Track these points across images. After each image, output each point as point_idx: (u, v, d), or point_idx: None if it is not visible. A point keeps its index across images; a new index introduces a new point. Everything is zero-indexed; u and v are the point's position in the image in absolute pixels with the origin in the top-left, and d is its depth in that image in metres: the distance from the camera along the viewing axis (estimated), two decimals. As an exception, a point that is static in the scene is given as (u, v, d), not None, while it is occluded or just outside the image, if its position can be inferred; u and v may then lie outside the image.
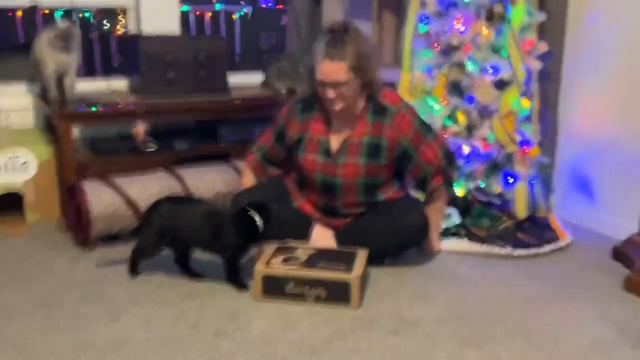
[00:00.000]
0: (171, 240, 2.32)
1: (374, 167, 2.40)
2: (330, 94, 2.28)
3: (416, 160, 2.41)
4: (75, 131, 3.26)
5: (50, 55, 2.93)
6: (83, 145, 3.17)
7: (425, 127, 2.45)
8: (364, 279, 2.24)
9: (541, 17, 2.83)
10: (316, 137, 2.44)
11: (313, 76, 2.32)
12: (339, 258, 2.26)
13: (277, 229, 2.32)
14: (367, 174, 2.40)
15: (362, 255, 2.28)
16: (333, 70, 2.24)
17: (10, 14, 4.48)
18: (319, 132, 2.45)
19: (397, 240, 2.40)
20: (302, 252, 2.32)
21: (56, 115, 2.83)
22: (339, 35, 2.26)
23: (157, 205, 2.36)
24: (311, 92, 2.46)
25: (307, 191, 2.54)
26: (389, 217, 2.39)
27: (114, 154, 3.01)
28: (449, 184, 2.53)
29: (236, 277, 2.28)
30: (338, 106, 2.32)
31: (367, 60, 2.29)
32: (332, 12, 3.51)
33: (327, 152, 2.42)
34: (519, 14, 2.65)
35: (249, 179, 2.60)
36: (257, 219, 2.26)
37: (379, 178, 2.44)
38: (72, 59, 2.99)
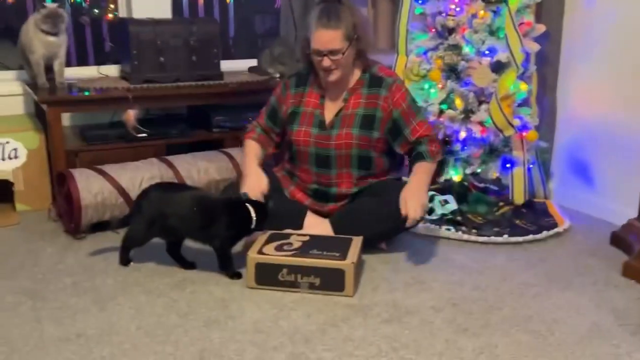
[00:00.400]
0: (161, 229, 2.27)
1: (367, 139, 2.39)
2: (326, 62, 2.29)
3: (407, 134, 2.39)
4: (66, 119, 3.21)
5: (38, 38, 2.87)
6: (73, 133, 3.12)
7: (417, 106, 2.47)
8: (358, 266, 2.20)
9: (538, -2, 2.78)
10: (310, 110, 2.45)
11: (308, 48, 2.33)
12: (334, 245, 2.22)
13: (269, 220, 2.28)
14: (360, 145, 2.39)
15: (356, 242, 2.24)
16: (328, 38, 2.25)
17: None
18: (313, 105, 2.45)
19: (391, 222, 2.36)
20: (296, 238, 2.28)
21: (45, 102, 2.78)
22: (333, 5, 2.29)
23: (146, 192, 2.32)
24: (306, 67, 2.47)
25: (299, 170, 2.50)
26: (381, 199, 2.36)
27: (104, 142, 2.96)
28: (440, 158, 2.47)
29: (228, 265, 2.24)
30: (334, 76, 2.33)
31: (361, 29, 2.33)
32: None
33: (321, 124, 2.42)
34: (517, -5, 2.59)
35: (252, 160, 2.46)
36: (253, 214, 2.21)
37: (371, 151, 2.42)
38: (61, 41, 2.93)
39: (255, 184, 2.34)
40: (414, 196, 2.23)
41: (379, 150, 2.44)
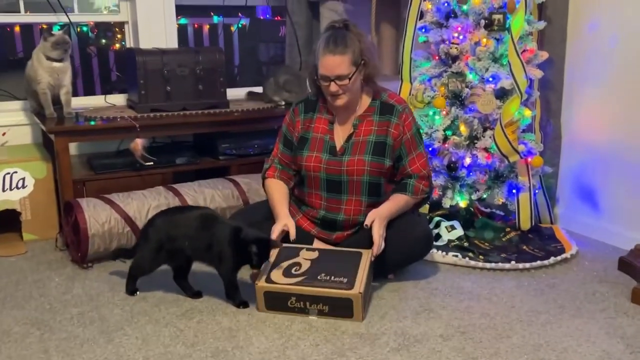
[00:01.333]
0: (168, 253, 2.27)
1: (379, 166, 2.40)
2: (333, 87, 2.31)
3: (404, 164, 2.41)
4: (73, 148, 3.24)
5: (43, 66, 2.91)
6: (80, 162, 3.14)
7: (420, 137, 2.48)
8: (367, 291, 2.19)
9: (540, 25, 2.81)
10: (319, 136, 2.46)
11: (315, 74, 2.35)
12: (342, 265, 2.21)
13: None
14: (371, 172, 2.40)
15: (365, 259, 2.23)
16: (335, 63, 2.27)
17: (8, 29, 4.47)
18: (322, 130, 2.46)
19: (399, 254, 2.36)
20: (305, 255, 2.28)
21: (53, 132, 2.80)
22: (339, 31, 2.31)
23: (152, 220, 2.33)
24: (314, 93, 2.49)
25: (308, 196, 2.50)
26: (391, 230, 2.35)
27: (112, 171, 2.98)
28: (428, 197, 2.49)
29: (234, 294, 2.24)
30: (341, 101, 2.35)
31: (367, 54, 2.34)
32: (331, 23, 3.49)
33: (332, 150, 2.44)
34: (519, 22, 2.62)
35: (281, 203, 2.42)
36: (254, 254, 2.16)
37: (381, 178, 2.43)
38: (65, 67, 2.96)
39: (281, 229, 2.31)
40: (379, 226, 2.27)
41: (388, 176, 2.45)
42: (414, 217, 2.48)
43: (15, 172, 2.85)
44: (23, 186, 2.87)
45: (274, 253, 2.25)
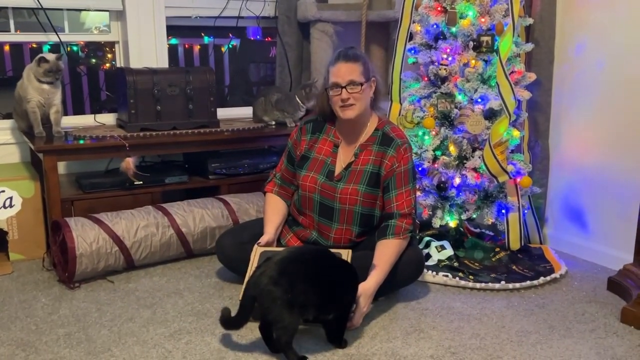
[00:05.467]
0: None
1: (372, 197, 2.40)
2: (345, 94, 2.32)
3: (390, 197, 2.38)
4: (62, 167, 3.22)
5: (33, 86, 2.90)
6: (69, 181, 3.12)
7: (413, 174, 2.45)
8: None
9: (528, 47, 2.85)
10: (321, 157, 2.47)
11: (326, 95, 2.40)
12: None
13: None
14: (363, 203, 2.40)
15: (346, 254, 2.27)
16: (348, 70, 2.32)
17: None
18: (325, 153, 2.48)
19: (391, 278, 2.34)
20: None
21: (42, 150, 2.78)
22: (351, 49, 2.40)
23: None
24: (322, 115, 2.51)
25: (302, 215, 2.51)
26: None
27: (100, 190, 2.96)
28: (412, 236, 2.43)
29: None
30: (351, 112, 2.35)
31: (375, 74, 2.42)
32: (320, 45, 3.52)
33: (329, 174, 2.44)
34: (507, 44, 2.65)
35: (271, 220, 2.50)
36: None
37: (375, 209, 2.43)
38: (55, 88, 2.95)
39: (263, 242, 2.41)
40: (365, 302, 2.19)
41: (381, 207, 2.44)
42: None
43: (3, 191, 2.82)
44: (10, 205, 2.84)
45: (255, 256, 2.30)
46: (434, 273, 2.66)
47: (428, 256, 2.76)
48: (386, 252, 2.30)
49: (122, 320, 2.27)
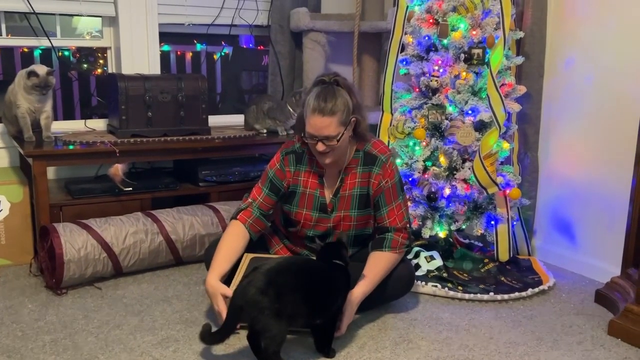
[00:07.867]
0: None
1: (365, 218, 2.41)
2: (320, 147, 2.24)
3: (383, 214, 2.37)
4: (51, 172, 3.20)
5: (23, 95, 2.88)
6: (58, 186, 3.10)
7: (401, 187, 2.42)
8: None
9: (519, 60, 2.88)
10: (310, 192, 2.42)
11: (303, 129, 2.28)
12: None
13: None
14: (357, 226, 2.41)
15: None
16: (324, 125, 2.19)
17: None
18: (312, 186, 2.42)
19: (381, 291, 2.34)
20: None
21: (31, 155, 2.77)
22: (330, 87, 2.22)
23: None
24: (300, 146, 2.42)
25: (294, 236, 2.51)
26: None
27: (90, 196, 2.95)
28: (408, 250, 2.43)
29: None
30: (328, 159, 2.29)
31: (357, 112, 2.28)
32: (313, 54, 3.54)
33: (322, 207, 2.40)
34: (498, 57, 2.68)
35: (225, 253, 2.29)
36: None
37: (369, 228, 2.44)
38: (46, 97, 2.94)
39: (224, 256, 2.27)
40: (351, 311, 2.19)
41: (373, 224, 2.45)
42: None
43: (-9, 195, 2.80)
44: (-2, 210, 2.82)
45: (243, 264, 2.29)
46: (423, 283, 2.67)
47: (417, 266, 2.76)
48: (379, 264, 2.30)
49: (109, 327, 2.26)
